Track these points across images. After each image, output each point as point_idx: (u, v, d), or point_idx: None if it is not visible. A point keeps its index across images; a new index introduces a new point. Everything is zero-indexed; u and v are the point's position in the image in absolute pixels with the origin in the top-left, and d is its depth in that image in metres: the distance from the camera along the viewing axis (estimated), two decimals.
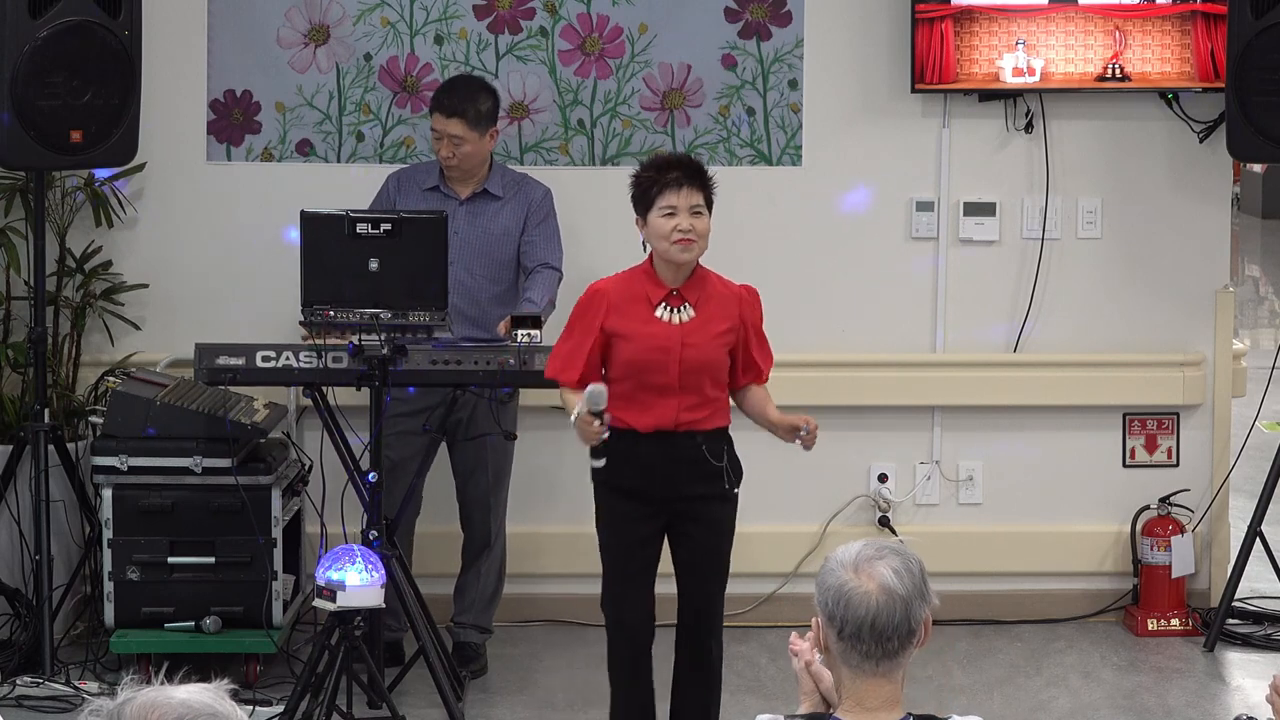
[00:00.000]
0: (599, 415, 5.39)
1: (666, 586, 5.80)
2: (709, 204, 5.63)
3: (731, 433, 5.73)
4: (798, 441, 5.67)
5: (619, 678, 5.75)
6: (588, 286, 5.75)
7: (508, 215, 6.75)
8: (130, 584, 6.51)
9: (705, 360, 5.58)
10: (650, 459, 5.60)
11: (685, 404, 5.59)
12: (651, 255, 5.65)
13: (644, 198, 5.60)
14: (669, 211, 5.55)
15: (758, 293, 5.77)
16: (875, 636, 3.20)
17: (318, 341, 6.11)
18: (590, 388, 5.41)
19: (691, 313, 5.61)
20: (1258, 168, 18.50)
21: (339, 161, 7.23)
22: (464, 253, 6.64)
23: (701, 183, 5.60)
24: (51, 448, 6.65)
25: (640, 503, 5.63)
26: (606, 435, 5.43)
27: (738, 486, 5.72)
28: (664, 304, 5.62)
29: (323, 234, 6.02)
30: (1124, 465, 7.44)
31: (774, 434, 5.74)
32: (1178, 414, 7.44)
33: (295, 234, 6.23)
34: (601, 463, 5.48)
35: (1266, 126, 6.92)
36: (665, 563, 5.78)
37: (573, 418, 5.45)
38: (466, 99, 6.64)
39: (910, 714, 3.26)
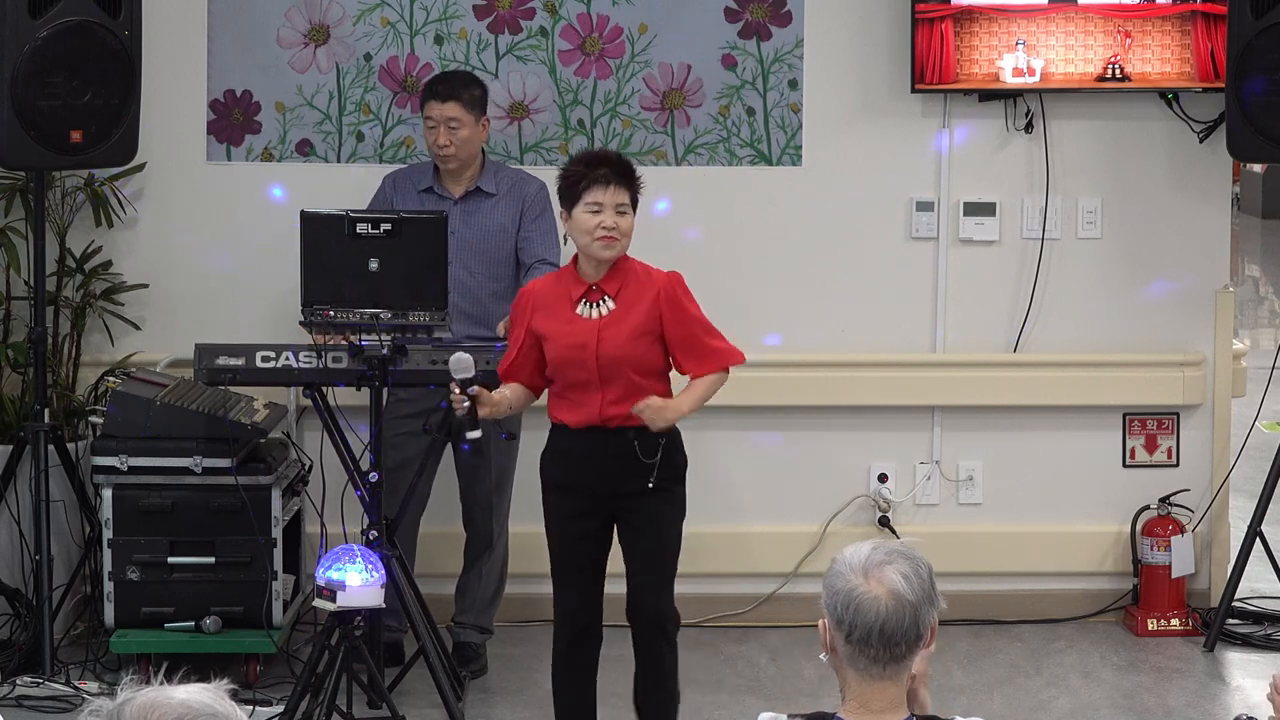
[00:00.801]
0: (465, 384, 5.53)
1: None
2: (634, 203, 5.64)
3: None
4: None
5: (556, 672, 5.78)
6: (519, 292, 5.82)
7: (502, 212, 6.75)
8: (130, 584, 6.50)
9: (621, 353, 5.56)
10: (582, 455, 5.63)
11: (609, 398, 5.58)
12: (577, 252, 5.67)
13: (570, 192, 5.61)
14: (594, 208, 5.57)
15: (680, 277, 5.68)
16: (883, 642, 3.19)
17: (319, 341, 6.11)
18: (454, 356, 5.59)
19: (611, 306, 5.62)
20: (1258, 168, 18.50)
21: (339, 161, 7.23)
22: (462, 252, 6.65)
23: (629, 182, 5.62)
24: (51, 448, 6.64)
25: (579, 498, 5.66)
26: (467, 404, 5.55)
27: (671, 484, 5.65)
28: (584, 300, 5.63)
29: (323, 234, 6.02)
30: (1124, 465, 7.44)
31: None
32: (1178, 414, 7.44)
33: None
34: (476, 434, 5.59)
35: (1266, 126, 6.92)
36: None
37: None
38: (459, 85, 6.71)
39: (913, 714, 3.26)
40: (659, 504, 5.66)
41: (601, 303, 5.63)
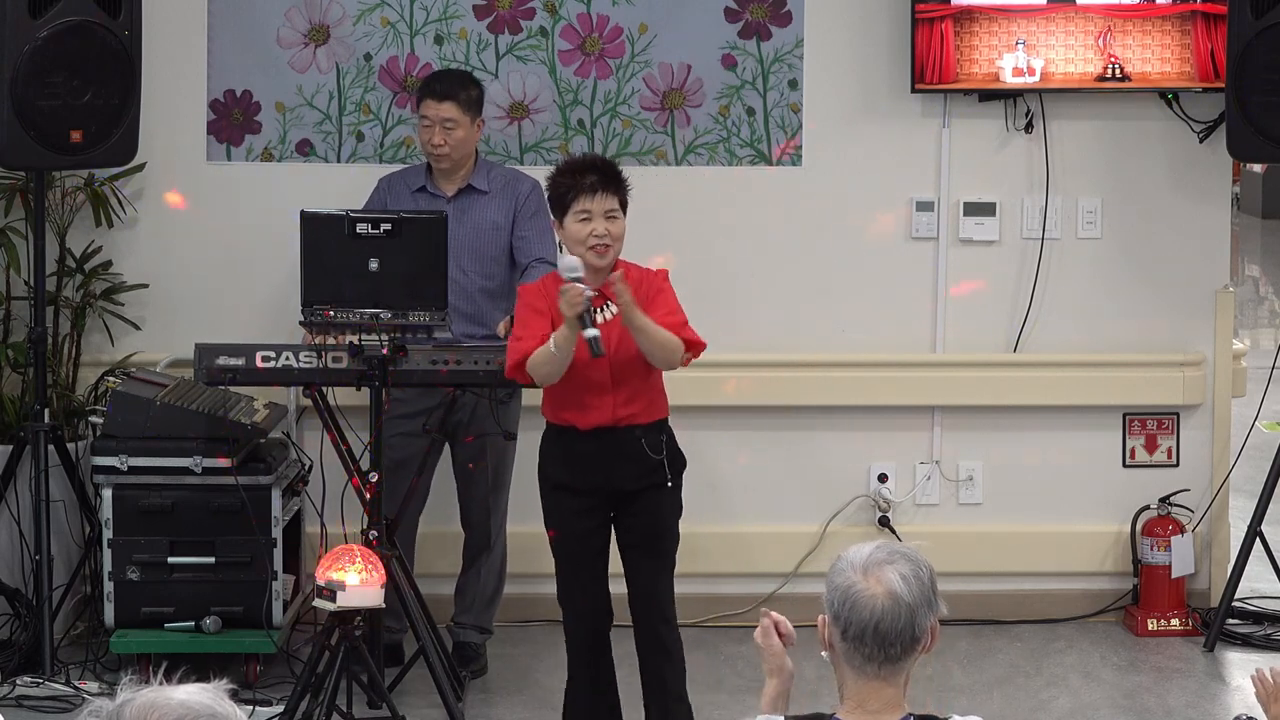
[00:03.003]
0: (576, 282, 5.49)
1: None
2: (624, 206, 5.68)
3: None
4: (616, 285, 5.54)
5: (578, 670, 5.81)
6: (519, 288, 5.81)
7: (495, 209, 6.75)
8: (130, 584, 6.50)
9: (634, 354, 5.64)
10: (591, 455, 5.68)
11: (620, 399, 5.66)
12: None
13: (560, 202, 5.66)
14: (584, 217, 5.61)
15: (665, 273, 5.76)
16: (878, 641, 3.20)
17: (318, 342, 6.11)
18: (563, 259, 5.52)
19: (614, 310, 5.66)
20: (1258, 168, 18.49)
21: (339, 161, 7.23)
22: (455, 250, 6.63)
23: (616, 186, 5.66)
24: (51, 448, 6.65)
25: (583, 497, 5.71)
26: (591, 293, 5.47)
27: (678, 478, 5.76)
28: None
29: (323, 234, 6.02)
30: (1124, 465, 7.44)
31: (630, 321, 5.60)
32: (1178, 414, 7.44)
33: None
34: (595, 332, 5.47)
35: (1266, 126, 6.92)
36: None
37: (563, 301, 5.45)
38: (456, 85, 6.71)
39: (911, 714, 3.26)
40: (661, 499, 5.74)
41: (605, 307, 5.65)
